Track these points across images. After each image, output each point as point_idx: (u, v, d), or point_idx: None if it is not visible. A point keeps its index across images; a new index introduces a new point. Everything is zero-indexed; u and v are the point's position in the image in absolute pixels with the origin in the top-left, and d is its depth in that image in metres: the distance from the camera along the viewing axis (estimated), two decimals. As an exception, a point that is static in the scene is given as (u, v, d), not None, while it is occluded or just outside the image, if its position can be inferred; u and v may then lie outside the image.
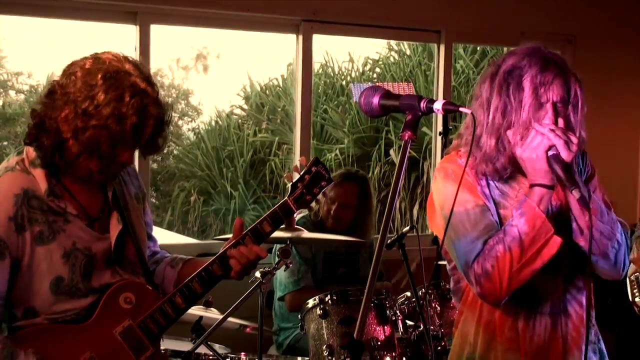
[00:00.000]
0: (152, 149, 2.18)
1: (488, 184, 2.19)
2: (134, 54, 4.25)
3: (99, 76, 2.04)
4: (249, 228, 2.34)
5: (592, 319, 2.26)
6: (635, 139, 6.03)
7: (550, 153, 2.03)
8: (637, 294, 4.29)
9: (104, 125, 2.02)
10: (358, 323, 1.59)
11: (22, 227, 2.08)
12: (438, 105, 1.72)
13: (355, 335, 1.56)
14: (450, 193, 2.12)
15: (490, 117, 2.12)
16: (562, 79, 2.08)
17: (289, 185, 2.39)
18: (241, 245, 2.29)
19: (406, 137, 1.69)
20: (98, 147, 2.05)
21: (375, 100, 1.78)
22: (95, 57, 2.10)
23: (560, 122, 2.08)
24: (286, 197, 2.38)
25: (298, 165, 2.41)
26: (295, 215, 2.53)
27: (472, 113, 1.86)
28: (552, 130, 2.03)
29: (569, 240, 2.12)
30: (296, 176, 2.40)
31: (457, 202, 2.11)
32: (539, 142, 2.04)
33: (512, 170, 2.16)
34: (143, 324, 2.24)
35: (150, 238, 2.50)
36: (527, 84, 2.08)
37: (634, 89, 5.95)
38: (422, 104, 1.72)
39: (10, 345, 2.07)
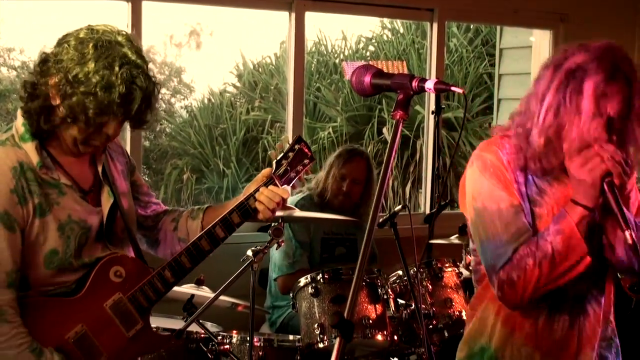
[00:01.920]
0: (140, 122, 2.18)
1: (526, 181, 2.13)
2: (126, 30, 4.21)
3: (91, 45, 2.07)
4: (231, 208, 2.37)
5: (611, 315, 2.26)
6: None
7: (606, 180, 1.96)
8: None
9: (92, 92, 2.03)
10: (348, 303, 1.58)
11: (24, 198, 2.10)
12: (429, 85, 1.70)
13: (345, 315, 1.56)
14: (485, 188, 2.11)
15: (543, 113, 2.04)
16: (626, 93, 1.98)
17: (274, 162, 2.42)
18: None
19: (397, 117, 1.68)
20: (84, 113, 2.06)
21: (367, 79, 1.77)
22: (90, 28, 2.13)
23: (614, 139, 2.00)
24: (271, 174, 2.40)
25: (283, 144, 2.45)
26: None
27: (463, 93, 1.85)
28: (613, 158, 1.95)
29: (598, 246, 2.09)
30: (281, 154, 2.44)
31: (491, 199, 2.10)
32: (596, 165, 1.97)
33: (558, 171, 2.11)
34: (133, 297, 2.27)
35: (151, 198, 2.54)
36: (588, 89, 1.98)
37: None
38: (414, 83, 1.70)
39: None
